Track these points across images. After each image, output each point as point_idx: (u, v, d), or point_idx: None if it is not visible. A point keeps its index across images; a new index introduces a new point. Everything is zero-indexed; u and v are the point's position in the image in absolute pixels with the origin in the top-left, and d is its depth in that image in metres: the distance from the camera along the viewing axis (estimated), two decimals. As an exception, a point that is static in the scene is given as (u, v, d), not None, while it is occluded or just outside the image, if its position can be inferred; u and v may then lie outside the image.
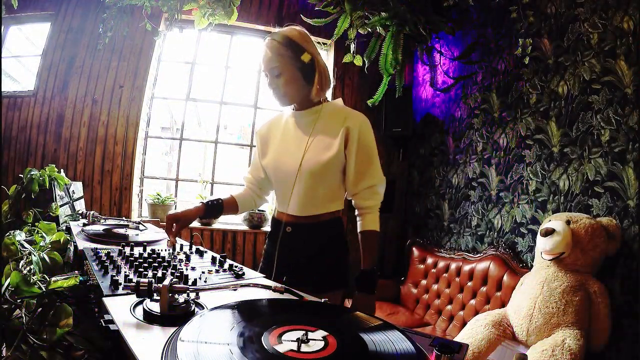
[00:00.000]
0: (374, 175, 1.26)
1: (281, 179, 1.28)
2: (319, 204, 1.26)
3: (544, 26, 2.32)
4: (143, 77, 3.15)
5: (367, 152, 1.25)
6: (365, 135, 1.24)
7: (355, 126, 1.22)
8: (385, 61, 2.36)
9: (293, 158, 1.24)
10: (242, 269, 1.02)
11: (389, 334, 0.61)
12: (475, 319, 2.00)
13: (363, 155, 1.24)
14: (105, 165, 3.11)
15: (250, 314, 0.67)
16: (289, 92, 1.23)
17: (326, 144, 1.22)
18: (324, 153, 1.21)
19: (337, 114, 1.26)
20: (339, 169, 1.24)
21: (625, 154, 1.86)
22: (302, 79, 1.22)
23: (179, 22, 2.87)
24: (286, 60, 1.19)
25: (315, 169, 1.21)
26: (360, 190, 1.26)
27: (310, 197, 1.24)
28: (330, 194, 1.26)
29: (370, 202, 1.28)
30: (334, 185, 1.26)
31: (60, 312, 0.69)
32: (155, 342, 0.56)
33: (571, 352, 1.61)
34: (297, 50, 1.20)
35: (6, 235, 1.05)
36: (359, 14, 2.42)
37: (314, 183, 1.22)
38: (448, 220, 3.05)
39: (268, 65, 1.21)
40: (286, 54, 1.19)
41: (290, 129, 1.30)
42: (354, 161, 1.22)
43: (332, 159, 1.21)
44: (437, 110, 3.28)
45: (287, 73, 1.20)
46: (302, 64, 1.20)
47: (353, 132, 1.21)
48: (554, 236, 1.83)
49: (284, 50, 1.19)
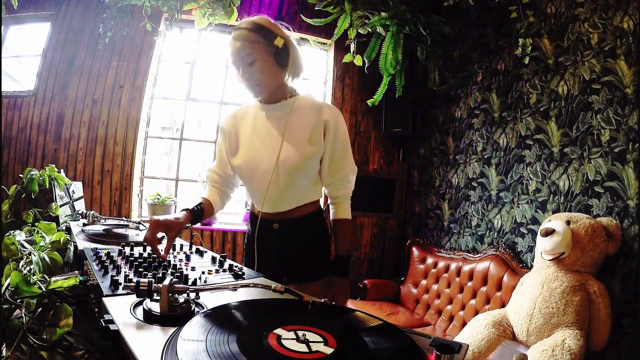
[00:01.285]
0: (347, 165, 1.28)
1: (259, 177, 1.23)
2: (301, 197, 1.26)
3: (544, 26, 2.32)
4: (143, 77, 3.15)
5: (342, 145, 1.26)
6: (341, 128, 1.25)
7: (332, 119, 1.22)
8: (385, 61, 2.36)
9: (270, 154, 1.20)
10: (242, 269, 1.02)
11: (389, 334, 0.61)
12: (475, 319, 2.00)
13: (339, 147, 1.25)
14: (105, 165, 3.11)
15: (250, 314, 0.67)
16: (263, 79, 1.18)
17: (304, 138, 1.20)
18: (304, 147, 1.20)
19: (310, 107, 1.24)
20: (318, 161, 1.25)
21: (625, 154, 1.86)
22: (276, 65, 1.18)
23: (179, 22, 2.87)
24: (259, 46, 1.16)
25: (297, 163, 1.19)
26: (334, 180, 1.28)
27: (292, 191, 1.23)
28: (310, 184, 1.27)
29: (343, 192, 1.30)
30: (313, 176, 1.27)
31: (60, 312, 0.69)
32: (155, 342, 0.56)
33: (571, 352, 1.61)
34: (269, 35, 1.17)
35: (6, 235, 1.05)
36: (359, 14, 2.42)
37: (295, 177, 1.21)
38: (448, 220, 3.05)
39: (239, 54, 1.17)
40: (258, 40, 1.16)
41: (261, 123, 1.25)
42: (329, 153, 1.24)
43: (314, 152, 1.21)
44: (437, 110, 3.28)
45: (260, 59, 1.16)
46: (275, 49, 1.17)
47: (330, 125, 1.22)
48: (554, 236, 1.83)
49: (256, 37, 1.16)
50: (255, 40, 1.16)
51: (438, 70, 2.52)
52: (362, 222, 3.49)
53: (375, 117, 3.46)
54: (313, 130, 1.21)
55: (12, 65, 3.44)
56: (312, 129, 1.21)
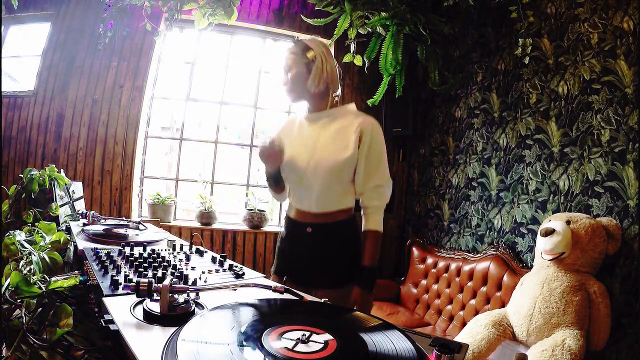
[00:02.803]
0: (381, 176, 1.32)
1: (296, 178, 1.33)
2: (334, 201, 1.31)
3: (544, 26, 2.32)
4: (143, 77, 3.15)
5: (377, 154, 1.32)
6: (376, 137, 1.32)
7: (368, 128, 1.30)
8: (385, 61, 2.36)
9: (306, 157, 1.31)
10: (242, 269, 1.02)
11: (389, 334, 0.61)
12: (475, 319, 2.00)
13: (373, 156, 1.31)
14: (105, 165, 3.11)
15: (250, 314, 0.67)
16: (294, 87, 1.33)
17: (342, 143, 1.29)
18: (341, 152, 1.27)
19: (350, 115, 1.34)
20: (353, 168, 1.31)
21: (625, 154, 1.86)
22: (308, 75, 1.31)
23: (179, 22, 2.87)
24: (294, 57, 1.32)
25: (333, 167, 1.27)
26: (367, 189, 1.32)
27: (327, 194, 1.30)
28: (344, 191, 1.33)
29: (376, 202, 1.33)
30: (346, 182, 1.32)
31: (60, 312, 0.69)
32: (155, 342, 0.56)
33: (571, 352, 1.61)
34: (304, 48, 1.33)
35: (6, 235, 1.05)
36: (359, 14, 2.42)
37: (331, 181, 1.28)
38: (448, 220, 3.05)
39: (283, 62, 1.34)
40: (297, 52, 1.33)
41: (303, 129, 1.37)
42: (364, 161, 1.29)
43: (349, 158, 1.27)
44: (437, 110, 3.28)
45: (295, 69, 1.32)
46: (307, 60, 1.31)
47: (366, 133, 1.29)
48: (554, 236, 1.83)
49: (296, 49, 1.34)
50: (294, 52, 1.33)
51: (438, 70, 2.52)
52: (362, 222, 3.48)
53: (376, 117, 3.43)
54: (348, 138, 1.29)
55: (12, 65, 3.44)
56: (347, 136, 1.29)
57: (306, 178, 1.30)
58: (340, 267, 1.34)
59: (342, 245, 1.34)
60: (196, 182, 3.39)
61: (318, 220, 1.32)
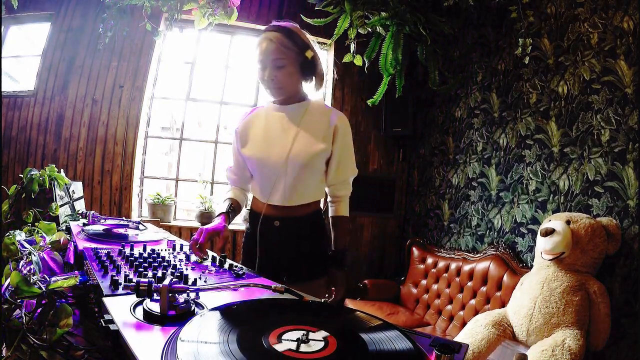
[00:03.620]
0: (351, 168, 1.38)
1: (268, 170, 1.30)
2: (306, 194, 1.32)
3: (544, 26, 2.32)
4: (143, 77, 3.15)
5: (349, 149, 1.36)
6: (348, 134, 1.35)
7: (342, 125, 1.33)
8: (385, 61, 2.36)
9: (281, 149, 1.28)
10: (242, 269, 1.02)
11: (389, 334, 0.61)
12: (475, 319, 2.00)
13: (346, 151, 1.35)
14: (105, 165, 3.11)
15: (250, 314, 0.67)
16: (287, 84, 1.27)
17: (315, 137, 1.29)
18: (314, 145, 1.28)
19: (322, 111, 1.35)
20: (324, 161, 1.33)
21: (625, 154, 1.86)
22: (301, 74, 1.29)
23: (179, 22, 2.87)
24: (291, 54, 1.23)
25: (306, 159, 1.27)
26: (337, 182, 1.36)
27: (298, 186, 1.30)
28: (316, 183, 1.34)
29: (344, 192, 1.39)
30: (319, 175, 1.34)
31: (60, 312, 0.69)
32: (155, 342, 0.56)
33: (571, 352, 1.61)
34: (302, 46, 1.26)
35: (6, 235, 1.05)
36: (359, 13, 2.42)
37: (303, 173, 1.28)
38: (448, 220, 3.05)
39: (271, 56, 1.22)
40: (292, 47, 1.23)
41: (274, 121, 1.33)
42: (337, 156, 1.32)
43: (322, 152, 1.29)
44: (437, 110, 3.28)
45: (290, 66, 1.24)
46: (304, 60, 1.26)
47: (340, 130, 1.32)
48: (554, 236, 1.83)
49: (290, 44, 1.23)
50: (290, 47, 1.23)
51: (438, 70, 2.51)
52: (362, 222, 3.48)
53: (375, 117, 3.46)
54: (323, 132, 1.30)
55: (12, 65, 3.44)
56: (323, 130, 1.30)
57: (281, 171, 1.27)
58: (309, 260, 1.34)
59: (310, 238, 1.35)
60: (196, 182, 3.39)
61: (286, 213, 1.30)
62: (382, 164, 3.54)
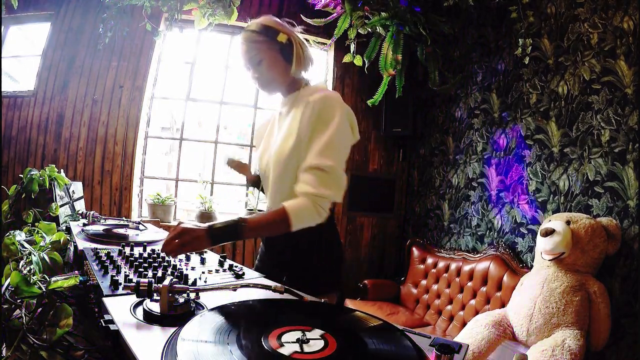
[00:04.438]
0: (320, 152, 1.03)
1: (261, 175, 1.27)
2: (286, 197, 1.06)
3: (544, 26, 2.32)
4: (143, 77, 3.15)
5: (318, 126, 1.06)
6: (319, 109, 1.07)
7: (317, 100, 1.08)
8: (385, 61, 2.36)
9: (266, 151, 1.23)
10: (242, 269, 1.02)
11: (389, 334, 0.61)
12: (475, 319, 2.00)
13: (312, 129, 1.07)
14: (105, 165, 3.11)
15: (250, 314, 0.67)
16: (273, 76, 1.18)
17: (288, 131, 1.13)
18: (286, 142, 1.11)
19: (308, 96, 1.13)
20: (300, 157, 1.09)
21: (625, 154, 1.86)
22: (284, 60, 1.17)
23: (179, 22, 2.87)
24: (264, 45, 1.16)
25: (281, 160, 1.12)
26: (301, 172, 1.05)
27: (280, 191, 1.15)
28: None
29: (300, 187, 1.03)
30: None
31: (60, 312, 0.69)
32: (155, 342, 0.56)
33: (571, 352, 1.61)
34: (272, 33, 1.17)
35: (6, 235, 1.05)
36: (359, 14, 2.42)
37: (281, 175, 1.13)
38: (448, 220, 3.05)
39: (247, 55, 1.17)
40: (262, 39, 1.16)
41: (276, 121, 1.26)
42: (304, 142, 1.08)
43: (293, 147, 1.09)
44: (437, 110, 3.28)
45: (267, 57, 1.16)
46: (280, 45, 1.16)
47: (313, 105, 1.07)
48: (554, 236, 1.83)
49: (259, 37, 1.16)
50: (260, 40, 1.16)
51: (438, 70, 2.51)
52: (362, 222, 3.48)
53: (375, 117, 3.46)
54: (293, 122, 1.12)
55: (12, 65, 3.44)
56: (292, 121, 1.12)
57: (266, 174, 1.20)
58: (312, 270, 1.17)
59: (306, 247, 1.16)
60: (196, 182, 3.39)
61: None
62: (382, 164, 3.54)
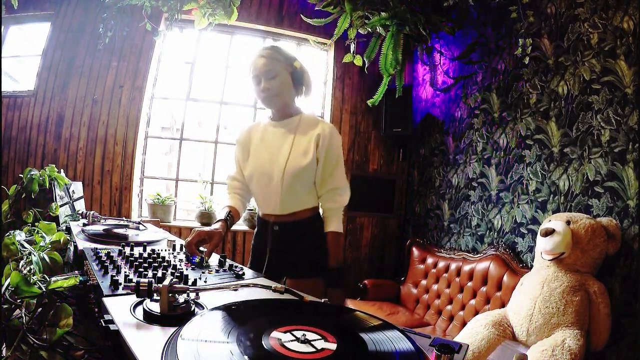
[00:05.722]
0: (336, 180, 1.40)
1: (264, 183, 1.40)
2: (298, 203, 1.40)
3: (544, 26, 2.32)
4: (143, 77, 3.15)
5: (332, 160, 1.39)
6: (333, 144, 1.39)
7: (325, 134, 1.37)
8: (385, 61, 2.36)
9: (276, 164, 1.37)
10: (242, 269, 1.02)
11: (389, 334, 0.61)
12: (475, 319, 2.00)
13: (329, 162, 1.38)
14: (105, 165, 3.11)
15: (251, 314, 0.67)
16: (282, 91, 1.37)
17: (304, 149, 1.37)
18: (303, 158, 1.36)
19: (311, 123, 1.41)
20: (313, 172, 1.39)
21: (625, 154, 1.86)
22: (292, 84, 1.39)
23: (179, 22, 2.87)
24: (281, 64, 1.36)
25: (297, 172, 1.35)
26: (324, 192, 1.41)
27: (291, 197, 1.38)
28: (307, 192, 1.41)
29: (331, 204, 1.41)
30: (309, 185, 1.41)
31: (60, 312, 0.69)
32: (155, 342, 0.56)
33: (571, 352, 1.61)
34: (290, 58, 1.39)
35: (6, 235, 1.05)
36: (359, 14, 2.42)
37: (294, 185, 1.36)
38: (448, 220, 3.05)
39: (264, 68, 1.34)
40: (281, 59, 1.36)
41: (270, 137, 1.43)
42: (321, 167, 1.38)
43: (308, 164, 1.35)
44: (437, 110, 3.28)
45: (282, 75, 1.36)
46: (293, 69, 1.38)
47: (323, 139, 1.36)
48: (554, 236, 1.83)
49: (280, 56, 1.37)
50: (280, 59, 1.37)
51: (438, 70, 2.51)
52: (362, 222, 3.48)
53: (375, 117, 3.46)
54: (309, 143, 1.37)
55: (12, 65, 3.44)
56: (308, 142, 1.37)
57: (276, 185, 1.36)
58: (306, 259, 1.41)
59: (307, 240, 1.41)
60: (196, 182, 3.39)
61: (284, 219, 1.40)
62: (382, 164, 3.54)
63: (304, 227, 1.41)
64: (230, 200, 1.48)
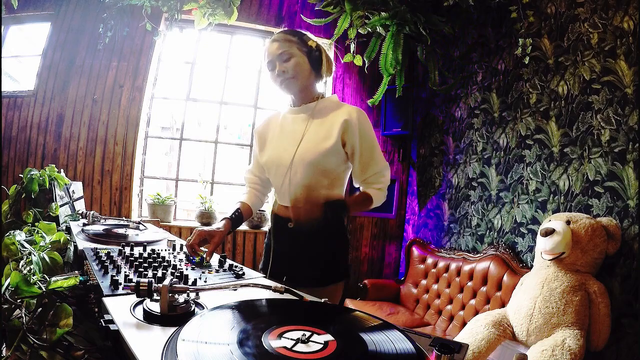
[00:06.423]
0: (378, 162, 1.29)
1: (280, 173, 1.30)
2: (317, 194, 1.26)
3: (544, 26, 2.32)
4: (143, 77, 3.15)
5: (368, 142, 1.27)
6: (364, 126, 1.26)
7: (354, 119, 1.25)
8: (385, 61, 2.36)
9: (290, 150, 1.27)
10: (242, 269, 1.02)
11: (389, 334, 0.61)
12: (475, 319, 2.00)
13: (366, 146, 1.27)
14: (105, 165, 3.11)
15: (250, 314, 0.67)
16: (298, 73, 1.26)
17: (324, 134, 1.25)
18: (323, 143, 1.24)
19: (333, 107, 1.30)
20: (338, 159, 1.27)
21: (625, 154, 1.86)
22: (309, 64, 1.28)
23: (179, 22, 2.88)
24: (295, 44, 1.27)
25: (312, 158, 1.23)
26: (368, 176, 1.29)
27: (308, 187, 1.25)
28: (330, 183, 1.29)
29: (378, 185, 1.30)
30: (332, 175, 1.28)
31: (60, 312, 0.69)
32: (155, 342, 0.56)
33: (571, 352, 1.61)
34: (304, 37, 1.30)
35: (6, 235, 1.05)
36: (359, 13, 2.42)
37: (312, 173, 1.25)
38: (448, 220, 3.04)
39: (277, 51, 1.25)
40: (295, 40, 1.27)
41: (287, 123, 1.34)
42: (358, 152, 1.26)
43: (331, 149, 1.23)
44: (437, 110, 3.28)
45: (296, 55, 1.26)
46: (309, 49, 1.28)
47: (353, 124, 1.24)
48: (554, 236, 1.83)
49: (293, 38, 1.28)
50: (292, 40, 1.27)
51: (438, 70, 2.51)
52: (362, 222, 3.48)
53: (375, 117, 3.46)
54: (331, 128, 1.25)
55: (12, 65, 3.44)
56: (330, 127, 1.25)
57: (291, 171, 1.26)
58: (322, 263, 1.29)
59: (326, 239, 1.29)
60: (196, 182, 3.39)
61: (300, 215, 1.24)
62: (382, 164, 3.54)
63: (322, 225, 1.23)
64: (245, 195, 1.42)
